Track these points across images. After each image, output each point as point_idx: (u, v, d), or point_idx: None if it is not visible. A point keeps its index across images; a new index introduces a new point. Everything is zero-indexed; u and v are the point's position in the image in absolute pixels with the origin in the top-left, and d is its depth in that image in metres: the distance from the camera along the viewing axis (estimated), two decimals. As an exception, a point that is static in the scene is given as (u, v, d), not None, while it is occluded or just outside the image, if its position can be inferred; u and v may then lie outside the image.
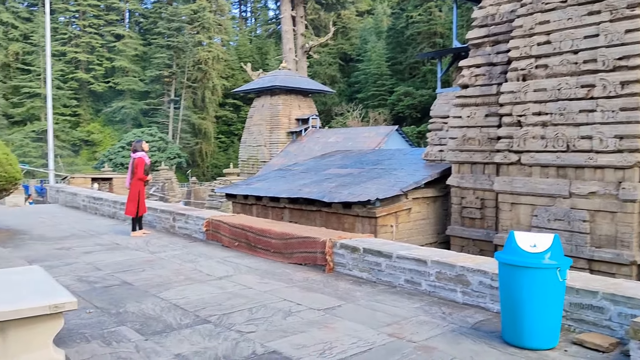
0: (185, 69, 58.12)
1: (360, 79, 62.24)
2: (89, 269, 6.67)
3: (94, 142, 56.69)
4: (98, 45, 59.69)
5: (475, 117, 13.11)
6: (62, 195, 14.16)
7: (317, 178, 15.67)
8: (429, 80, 57.58)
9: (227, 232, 8.03)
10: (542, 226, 11.56)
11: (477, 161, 13.10)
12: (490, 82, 13.01)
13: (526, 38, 12.13)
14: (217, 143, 61.85)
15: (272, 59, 64.06)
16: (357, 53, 67.40)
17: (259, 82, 38.89)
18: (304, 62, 52.82)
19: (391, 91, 58.11)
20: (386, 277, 5.80)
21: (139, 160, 9.15)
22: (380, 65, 60.85)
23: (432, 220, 14.38)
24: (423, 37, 60.21)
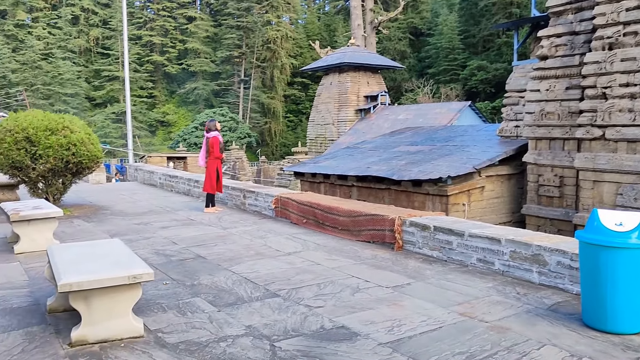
0: (254, 48, 58.84)
1: (431, 54, 60.67)
2: (166, 242, 6.93)
3: (169, 123, 58.80)
4: (171, 28, 61.50)
5: (555, 90, 12.45)
6: (140, 174, 14.81)
7: (386, 156, 15.48)
8: (504, 53, 55.29)
9: (295, 209, 8.10)
10: (629, 205, 10.90)
11: (556, 137, 12.47)
12: (572, 52, 12.27)
13: (613, 3, 11.33)
14: (286, 122, 62.46)
15: (340, 35, 63.58)
16: (428, 27, 65.63)
17: (327, 59, 38.73)
18: (373, 37, 51.99)
19: (464, 65, 56.34)
20: (457, 256, 5.66)
21: (214, 139, 9.37)
22: (452, 38, 59.03)
23: (506, 198, 13.90)
24: (498, 8, 57.75)
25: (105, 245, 4.63)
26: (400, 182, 13.42)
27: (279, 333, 3.81)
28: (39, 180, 9.54)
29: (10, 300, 4.68)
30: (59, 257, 4.15)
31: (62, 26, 58.02)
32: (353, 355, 3.43)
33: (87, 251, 4.38)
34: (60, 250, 4.40)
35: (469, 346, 3.55)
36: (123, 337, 3.75)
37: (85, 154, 9.39)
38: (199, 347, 3.58)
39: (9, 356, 3.48)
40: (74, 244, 4.66)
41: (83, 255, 4.22)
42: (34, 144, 9.06)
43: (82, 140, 9.35)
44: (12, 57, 53.64)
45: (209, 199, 9.52)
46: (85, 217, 9.09)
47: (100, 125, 50.85)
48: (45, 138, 9.05)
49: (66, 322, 4.07)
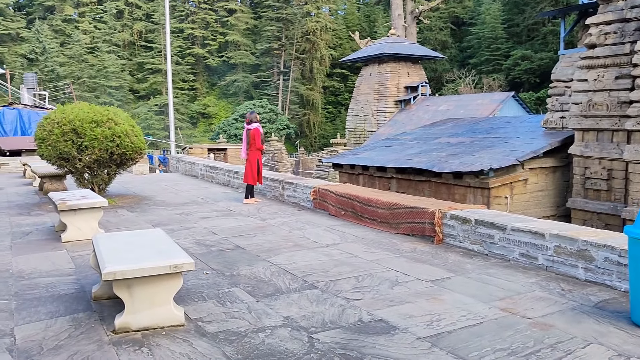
0: (293, 40, 58.96)
1: (473, 44, 59.52)
2: (206, 233, 7.04)
3: (209, 115, 59.66)
4: (212, 21, 62.23)
5: (604, 80, 12.02)
6: (182, 165, 15.07)
7: (427, 147, 15.29)
8: (549, 42, 53.76)
9: (333, 201, 8.09)
10: (680, 199, 10.46)
11: (604, 128, 12.05)
12: (622, 40, 11.81)
13: (666, -12, 10.83)
14: (324, 113, 62.45)
15: (380, 26, 63.04)
16: (470, 16, 64.39)
17: (367, 50, 38.46)
18: (414, 28, 51.27)
19: (507, 55, 55.04)
20: (499, 250, 5.54)
21: (256, 130, 9.45)
22: (495, 28, 57.73)
23: (550, 192, 13.54)
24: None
25: (148, 234, 4.73)
26: (441, 174, 13.24)
27: (317, 325, 3.81)
28: (84, 171, 9.82)
29: (58, 287, 4.84)
30: (103, 246, 4.26)
31: (107, 20, 59.47)
32: (391, 349, 3.40)
33: (130, 240, 4.48)
34: (105, 239, 4.52)
35: (511, 342, 3.47)
36: (164, 325, 3.82)
37: (129, 145, 9.61)
38: (238, 337, 3.62)
39: (56, 341, 3.60)
40: (118, 234, 4.78)
41: (126, 245, 4.32)
42: (80, 136, 9.32)
43: (126, 132, 9.57)
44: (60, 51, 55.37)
45: (249, 190, 9.61)
46: (129, 207, 9.32)
47: (144, 117, 52.02)
48: (91, 130, 9.30)
49: (110, 309, 4.18)
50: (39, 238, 6.95)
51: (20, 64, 53.60)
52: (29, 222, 8.11)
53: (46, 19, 59.74)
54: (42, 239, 6.87)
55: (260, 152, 9.48)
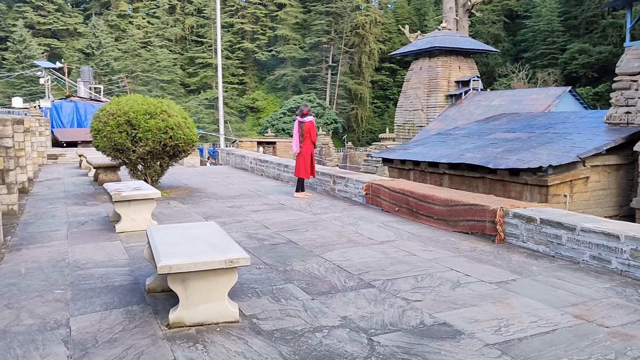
0: (342, 34, 58.66)
1: (528, 37, 57.76)
2: (258, 226, 6.95)
3: (258, 109, 60.16)
4: (262, 15, 62.65)
5: (675, 73, 11.28)
6: (232, 158, 15.13)
7: (481, 143, 14.82)
8: (609, 35, 51.54)
9: (387, 196, 7.86)
10: None
11: (674, 124, 11.34)
12: (696, 30, 11.04)
13: None
14: (372, 108, 61.93)
15: (430, 19, 62.01)
16: (525, 9, 62.50)
17: (417, 43, 37.83)
18: (466, 21, 50.03)
19: (563, 49, 53.14)
20: (567, 252, 5.19)
21: (310, 123, 9.34)
22: (551, 20, 55.83)
23: (613, 191, 12.87)
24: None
25: (201, 227, 4.65)
26: (496, 171, 12.79)
27: (377, 327, 3.63)
28: (138, 162, 9.93)
29: (112, 278, 4.83)
30: (158, 238, 4.19)
31: (160, 15, 60.74)
32: (457, 355, 3.18)
33: (184, 233, 4.40)
34: (159, 231, 4.46)
35: (589, 354, 3.19)
36: (219, 321, 3.72)
37: (182, 137, 9.65)
38: (295, 337, 3.48)
39: (111, 334, 3.55)
40: (172, 226, 4.72)
41: (181, 237, 4.24)
42: (134, 127, 9.42)
43: (178, 124, 9.61)
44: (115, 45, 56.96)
45: (300, 183, 9.51)
46: (181, 199, 9.36)
47: (194, 110, 52.91)
48: (145, 122, 9.38)
49: (164, 302, 4.12)
50: (94, 228, 7.03)
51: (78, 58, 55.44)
52: (85, 212, 8.24)
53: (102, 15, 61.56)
54: (97, 229, 6.95)
55: (313, 146, 9.35)
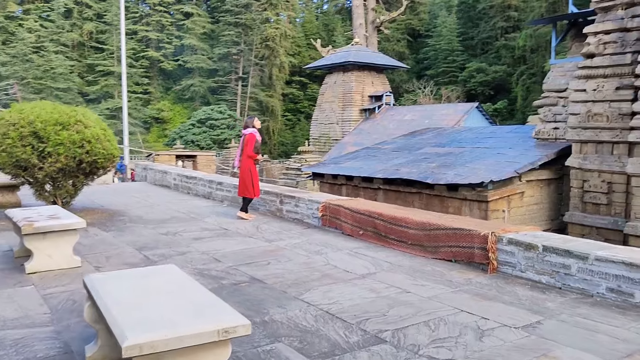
0: (252, 46, 57.65)
1: (430, 55, 60.12)
2: (207, 260, 5.85)
3: (164, 120, 57.40)
4: (168, 24, 60.12)
5: (604, 91, 11.51)
6: (150, 174, 13.64)
7: (413, 157, 14.48)
8: (502, 56, 54.77)
9: (349, 218, 7.05)
10: (690, 215, 9.99)
11: (604, 140, 11.54)
12: (623, 50, 11.34)
13: (674, -3, 10.42)
14: (284, 121, 61.33)
15: (339, 35, 62.75)
16: (427, 28, 65.12)
17: (331, 58, 37.81)
18: (375, 37, 50.98)
19: (462, 67, 55.80)
20: (577, 283, 4.64)
21: (250, 136, 8.33)
22: (451, 40, 58.53)
23: (545, 205, 12.96)
24: (496, 11, 57.38)
25: (160, 274, 3.55)
26: (434, 186, 12.43)
27: (423, 406, 2.77)
28: (46, 182, 8.40)
29: (32, 345, 3.59)
30: (107, 295, 3.06)
31: (55, 19, 56.39)
32: None
33: (140, 284, 3.30)
34: (105, 283, 3.31)
35: None
36: (209, 413, 2.68)
37: (101, 152, 8.27)
38: None
39: None
40: (122, 274, 3.58)
41: (139, 291, 3.15)
42: (42, 140, 7.93)
43: (97, 137, 8.23)
44: (1, 49, 52.06)
45: (246, 203, 8.49)
46: (101, 225, 7.97)
47: (94, 121, 49.24)
48: (56, 133, 7.92)
49: (120, 383, 3.00)
50: (-3, 267, 5.60)
51: (-42, 62, 50.04)
52: (-20, 244, 6.69)
53: (-13, 16, 56.17)
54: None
55: (253, 161, 8.35)
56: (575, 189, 12.10)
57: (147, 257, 5.94)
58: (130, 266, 5.49)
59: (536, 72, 47.94)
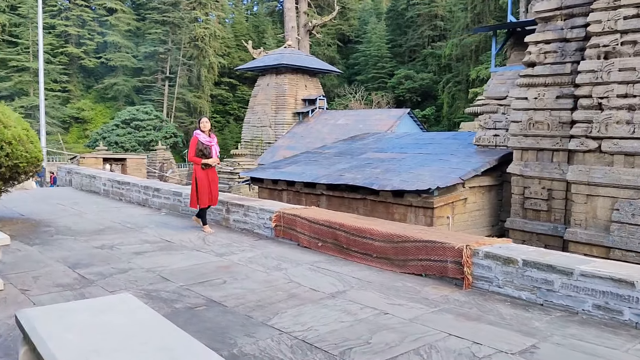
0: (181, 45, 55.91)
1: (360, 61, 60.84)
2: (153, 279, 5.19)
3: (84, 120, 54.44)
4: (89, 19, 57.14)
5: (544, 99, 11.73)
6: (76, 178, 12.53)
7: (356, 163, 14.22)
8: (429, 64, 56.26)
9: (306, 229, 6.59)
10: (625, 221, 10.31)
11: (545, 147, 11.74)
12: (562, 59, 11.60)
13: (610, 11, 10.73)
14: (212, 123, 59.88)
15: (269, 37, 62.21)
16: (356, 34, 65.90)
17: (264, 59, 37.25)
18: (307, 41, 50.92)
19: (391, 74, 56.85)
20: (561, 300, 4.42)
21: (192, 139, 7.71)
22: (380, 47, 59.53)
23: (486, 211, 13.07)
24: (424, 19, 58.89)
25: (115, 307, 2.94)
26: (379, 192, 12.21)
27: None
28: (-44, 188, 7.38)
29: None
30: (52, 339, 2.44)
31: (-38, 10, 52.21)
32: None
33: (94, 323, 2.69)
34: (48, 321, 2.67)
35: None
36: None
37: (23, 155, 7.34)
38: None
39: None
40: (65, 308, 2.94)
41: (93, 334, 2.53)
42: (-48, 141, 6.93)
43: (19, 138, 7.30)
44: None
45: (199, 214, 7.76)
46: (24, 237, 7.04)
47: (6, 120, 45.82)
48: (-31, 134, 6.95)
49: None
50: None
51: None
52: None
53: None
54: None
55: (199, 167, 7.66)
56: (516, 195, 12.25)
57: (83, 276, 5.20)
58: (64, 288, 4.76)
59: (461, 81, 49.57)
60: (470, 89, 44.25)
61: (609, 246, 10.47)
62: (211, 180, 7.66)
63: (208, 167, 7.64)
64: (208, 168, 7.64)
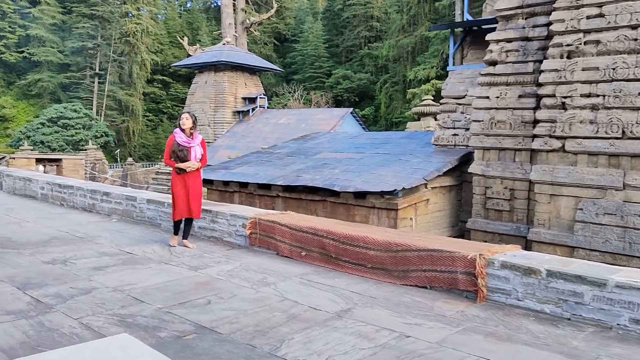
0: (111, 41, 53.37)
1: (297, 60, 60.62)
2: (124, 300, 4.40)
3: (6, 118, 50.83)
4: (10, 11, 53.40)
5: (507, 98, 11.63)
6: (7, 181, 11.20)
7: (312, 163, 13.67)
8: (366, 64, 56.70)
9: (287, 237, 5.95)
10: (589, 221, 10.33)
11: (507, 147, 11.64)
12: (524, 58, 11.54)
13: (572, 10, 10.74)
14: (145, 121, 57.67)
15: (204, 35, 60.77)
16: (293, 33, 65.62)
17: (202, 56, 36.09)
18: (245, 38, 49.79)
19: (329, 74, 56.93)
20: (591, 314, 4.04)
21: (168, 138, 6.57)
22: (317, 46, 59.55)
23: (447, 211, 12.88)
24: (360, 20, 59.34)
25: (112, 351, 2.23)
26: (340, 194, 11.72)
27: None
28: None
29: None
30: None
31: None
32: None
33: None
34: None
35: None
36: None
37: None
38: None
39: None
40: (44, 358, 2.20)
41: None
42: None
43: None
44: None
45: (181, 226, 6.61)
46: (-48, 252, 5.99)
47: None
48: None
49: None
50: None
51: None
52: None
53: None
54: None
55: (175, 172, 6.42)
56: (478, 195, 12.09)
57: (37, 299, 4.34)
58: (16, 316, 3.91)
59: (398, 81, 50.18)
60: (408, 89, 44.83)
61: (572, 246, 10.45)
62: (190, 187, 6.33)
63: (183, 172, 6.38)
64: (184, 173, 6.38)
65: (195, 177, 6.39)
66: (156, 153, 54.99)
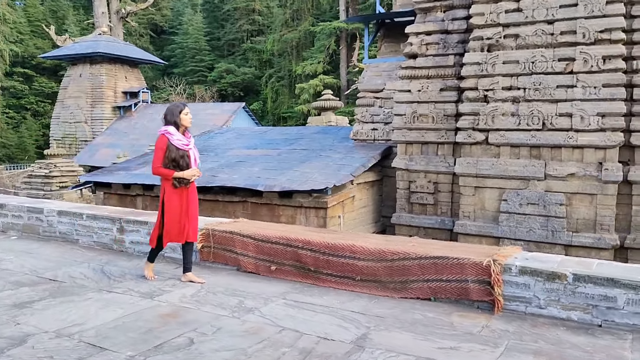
0: (-39, 27, 47.20)
1: (177, 53, 58.15)
2: (77, 349, 3.31)
3: None
4: None
5: (428, 91, 11.53)
6: None
7: (225, 161, 12.67)
8: (249, 59, 55.76)
9: (251, 249, 5.09)
10: (513, 211, 10.54)
11: (430, 141, 11.56)
12: (445, 51, 11.50)
13: (491, 4, 10.84)
14: (5, 119, 51.89)
15: (71, 24, 56.17)
16: (171, 25, 62.83)
17: (75, 47, 33.09)
18: (120, 29, 46.42)
19: (211, 67, 55.26)
20: (625, 319, 3.73)
21: (158, 139, 4.91)
22: (198, 39, 57.57)
23: (371, 207, 12.59)
24: (241, 13, 58.26)
25: None
26: (262, 194, 10.91)
27: None
28: None
29: None
30: None
31: None
32: None
33: None
34: None
35: None
36: None
37: None
38: None
39: None
40: None
41: None
42: None
43: None
44: None
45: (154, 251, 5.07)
46: None
47: None
48: None
49: None
50: None
51: None
52: None
53: None
54: None
55: (169, 185, 4.82)
56: (401, 190, 11.91)
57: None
58: None
59: (284, 76, 49.83)
60: (296, 84, 44.62)
61: (498, 236, 10.59)
62: (190, 203, 4.90)
63: (184, 183, 4.87)
64: (184, 185, 4.87)
65: (194, 191, 5.00)
66: (20, 154, 49.75)
